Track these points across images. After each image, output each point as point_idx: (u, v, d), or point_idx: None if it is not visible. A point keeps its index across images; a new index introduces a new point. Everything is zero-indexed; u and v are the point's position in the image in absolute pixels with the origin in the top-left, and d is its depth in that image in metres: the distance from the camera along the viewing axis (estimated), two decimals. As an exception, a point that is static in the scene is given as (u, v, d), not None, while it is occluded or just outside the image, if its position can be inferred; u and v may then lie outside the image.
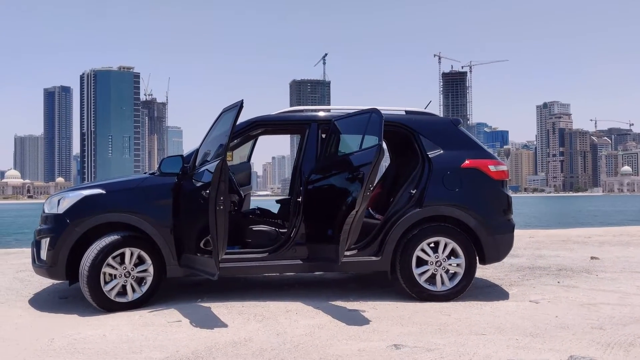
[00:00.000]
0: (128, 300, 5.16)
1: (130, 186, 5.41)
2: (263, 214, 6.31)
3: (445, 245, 5.41)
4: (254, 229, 5.68)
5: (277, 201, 6.69)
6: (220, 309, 5.01)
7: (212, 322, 4.57)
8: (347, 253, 5.12)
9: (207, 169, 4.79)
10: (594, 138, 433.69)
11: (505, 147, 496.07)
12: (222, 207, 4.46)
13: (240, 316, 4.76)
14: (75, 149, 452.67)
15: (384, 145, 5.42)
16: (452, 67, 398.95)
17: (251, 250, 5.46)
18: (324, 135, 5.67)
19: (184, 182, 5.19)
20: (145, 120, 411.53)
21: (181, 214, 5.16)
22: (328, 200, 5.20)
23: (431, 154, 5.56)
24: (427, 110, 6.00)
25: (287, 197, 6.58)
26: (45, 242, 5.23)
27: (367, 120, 5.02)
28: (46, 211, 5.42)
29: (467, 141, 5.73)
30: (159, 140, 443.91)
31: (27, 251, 10.60)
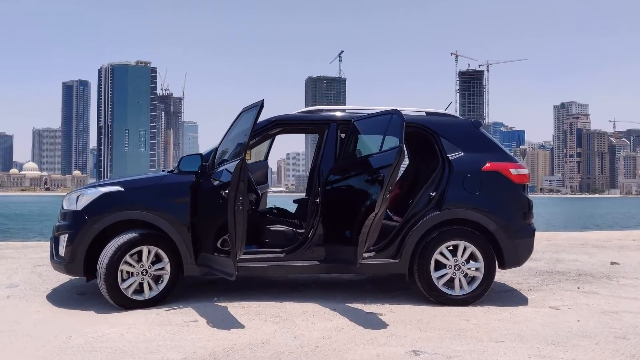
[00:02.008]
0: (145, 298, 5.16)
1: (149, 184, 5.41)
2: (280, 214, 6.28)
3: (465, 249, 5.34)
4: (271, 228, 5.65)
5: (295, 201, 6.65)
6: (236, 309, 4.99)
7: (229, 322, 4.55)
8: (365, 255, 5.07)
9: (226, 169, 4.77)
10: (612, 139, 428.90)
11: (521, 147, 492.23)
12: (241, 208, 4.44)
13: (257, 317, 4.73)
14: (92, 142, 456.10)
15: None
16: (469, 66, 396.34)
17: (268, 250, 5.43)
18: (343, 135, 5.63)
19: (203, 181, 5.17)
20: (161, 115, 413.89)
21: (199, 212, 5.15)
22: (346, 201, 5.15)
23: (451, 156, 5.49)
24: (447, 112, 5.93)
25: (304, 197, 6.55)
26: (63, 239, 5.25)
27: (388, 121, 4.97)
28: (65, 207, 5.44)
29: (488, 143, 5.66)
30: (174, 135, 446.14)
31: (46, 245, 10.69)
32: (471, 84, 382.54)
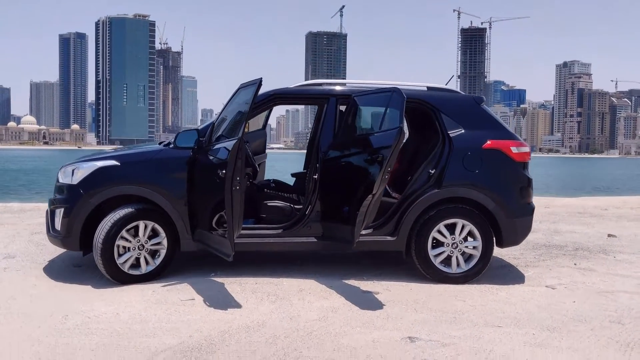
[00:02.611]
0: (141, 273, 5.16)
1: (145, 158, 5.33)
2: (278, 187, 6.23)
3: (463, 227, 5.32)
4: (269, 204, 5.61)
5: (293, 174, 6.59)
6: (233, 285, 4.99)
7: (225, 301, 4.55)
8: (363, 232, 5.03)
9: (224, 146, 4.69)
10: (613, 99, 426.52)
11: (522, 106, 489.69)
12: (238, 188, 4.38)
13: (254, 295, 4.73)
14: (91, 96, 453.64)
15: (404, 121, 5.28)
16: (471, 23, 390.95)
17: (265, 226, 5.40)
18: (342, 108, 5.52)
19: (200, 156, 5.10)
20: (160, 69, 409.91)
21: (196, 188, 5.09)
22: (345, 179, 5.09)
23: (452, 133, 5.41)
24: (448, 87, 5.81)
25: (302, 171, 6.48)
26: (59, 213, 5.21)
27: (389, 99, 4.86)
28: (60, 181, 5.38)
29: (490, 120, 5.57)
30: (173, 90, 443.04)
31: (44, 207, 10.68)
32: (473, 41, 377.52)
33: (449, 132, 5.41)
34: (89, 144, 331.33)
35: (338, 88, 5.56)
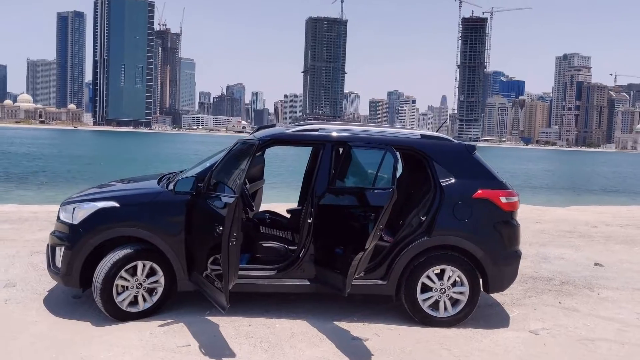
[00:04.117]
0: (139, 310, 5.35)
1: (144, 201, 5.47)
2: (273, 223, 6.39)
3: (451, 274, 5.50)
4: (263, 245, 5.77)
5: (288, 211, 6.75)
6: (227, 328, 5.16)
7: (220, 349, 4.73)
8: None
9: (223, 198, 4.85)
10: (612, 93, 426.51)
11: (520, 97, 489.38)
12: (234, 243, 4.54)
13: (247, 341, 4.91)
14: (88, 75, 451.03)
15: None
16: (472, 13, 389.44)
17: (259, 267, 5.57)
18: (340, 150, 5.66)
19: (198, 201, 5.24)
20: (158, 50, 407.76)
21: (193, 233, 5.26)
22: (338, 229, 5.27)
23: (443, 182, 5.57)
24: (441, 135, 5.95)
25: (297, 207, 6.64)
26: (60, 251, 5.37)
27: (382, 156, 5.02)
28: (61, 217, 5.53)
29: (480, 169, 5.72)
30: (171, 72, 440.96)
31: (42, 216, 10.83)
32: (474, 31, 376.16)
33: (440, 181, 5.57)
34: (85, 124, 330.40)
35: (334, 134, 5.67)
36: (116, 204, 5.37)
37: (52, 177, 30.79)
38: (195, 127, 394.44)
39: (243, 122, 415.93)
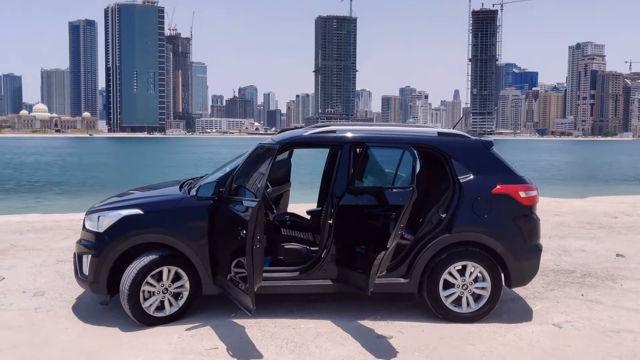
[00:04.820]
0: (166, 315, 5.45)
1: (168, 207, 5.57)
2: (294, 225, 6.47)
3: (473, 269, 5.53)
4: (285, 247, 5.84)
5: (308, 212, 6.82)
6: (253, 330, 5.24)
7: (247, 350, 4.81)
8: (376, 274, 5.26)
9: (245, 202, 4.94)
10: (627, 81, 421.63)
11: (534, 88, 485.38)
12: (258, 247, 4.62)
13: (274, 342, 4.98)
14: (101, 83, 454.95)
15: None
16: (482, 5, 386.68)
17: (282, 269, 5.64)
18: (358, 150, 5.71)
19: (221, 206, 5.33)
20: (169, 55, 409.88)
21: (217, 237, 5.34)
22: (359, 229, 5.32)
23: (462, 178, 5.60)
24: (458, 132, 5.98)
25: (317, 209, 6.71)
26: (87, 259, 5.49)
27: (401, 155, 5.08)
28: (87, 226, 5.65)
29: (499, 165, 5.74)
30: (183, 76, 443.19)
31: (65, 224, 11.00)
32: (484, 24, 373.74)
33: (459, 178, 5.60)
34: (100, 131, 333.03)
35: (352, 135, 5.72)
36: (140, 211, 5.48)
37: (74, 185, 31.30)
38: (209, 130, 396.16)
39: (256, 123, 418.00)
